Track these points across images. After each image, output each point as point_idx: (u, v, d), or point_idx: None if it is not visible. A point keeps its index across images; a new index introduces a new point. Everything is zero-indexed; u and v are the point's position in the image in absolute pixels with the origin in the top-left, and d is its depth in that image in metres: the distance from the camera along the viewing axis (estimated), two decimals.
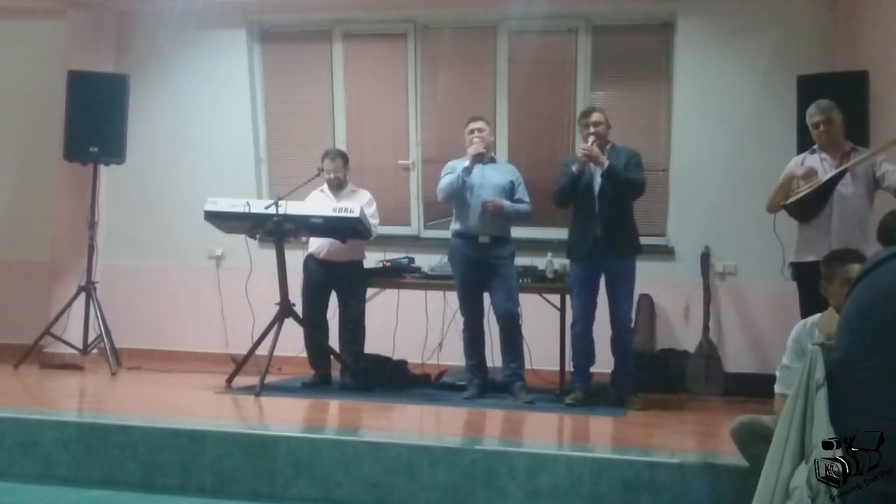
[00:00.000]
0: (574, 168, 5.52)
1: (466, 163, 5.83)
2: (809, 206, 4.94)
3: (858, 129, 5.34)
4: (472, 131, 5.92)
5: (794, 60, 6.36)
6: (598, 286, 5.62)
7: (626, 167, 5.55)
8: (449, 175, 5.89)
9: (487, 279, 5.80)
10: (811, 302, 4.14)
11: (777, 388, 3.56)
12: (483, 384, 5.84)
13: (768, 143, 6.46)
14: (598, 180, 5.54)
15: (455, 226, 5.94)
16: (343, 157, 6.39)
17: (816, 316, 3.63)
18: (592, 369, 5.69)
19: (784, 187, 5.06)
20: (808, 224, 5.02)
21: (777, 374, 3.60)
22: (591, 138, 5.54)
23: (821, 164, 5.04)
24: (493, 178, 5.86)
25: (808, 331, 3.55)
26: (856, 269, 3.30)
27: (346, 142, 7.33)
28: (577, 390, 5.57)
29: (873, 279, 2.82)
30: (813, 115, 5.07)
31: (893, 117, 5.53)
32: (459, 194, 5.83)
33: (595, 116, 5.62)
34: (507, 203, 5.79)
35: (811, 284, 3.92)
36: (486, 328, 5.91)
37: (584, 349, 5.61)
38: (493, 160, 6.03)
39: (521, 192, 5.92)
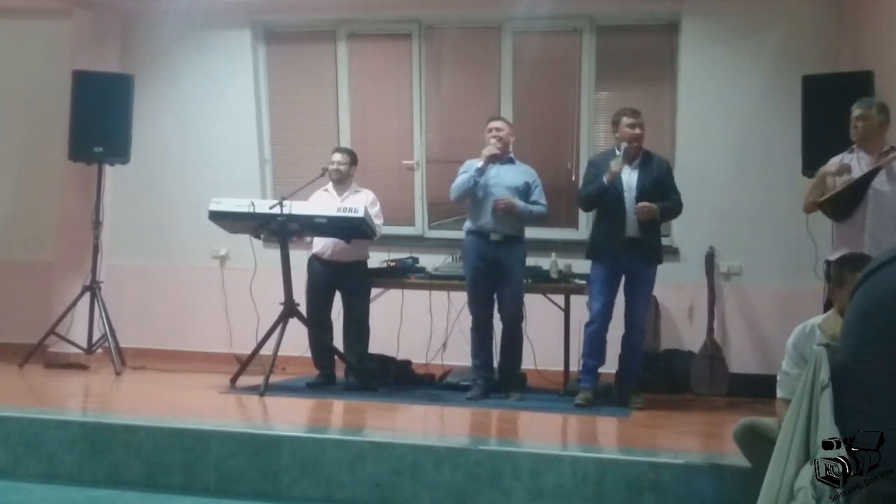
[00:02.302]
0: (605, 180, 5.46)
1: (481, 163, 5.83)
2: (843, 204, 4.87)
3: None
4: (490, 130, 5.94)
5: (799, 61, 6.34)
6: (619, 288, 5.62)
7: (661, 181, 5.59)
8: (463, 174, 5.91)
9: (497, 279, 5.80)
10: None
11: (778, 393, 3.55)
12: (487, 385, 5.83)
13: (773, 143, 6.46)
14: (629, 183, 5.52)
15: (468, 224, 5.95)
16: (352, 155, 6.43)
17: (816, 318, 3.61)
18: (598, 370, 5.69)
19: (818, 186, 5.00)
20: (843, 222, 4.96)
21: (777, 378, 3.59)
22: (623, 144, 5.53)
23: (857, 163, 4.94)
24: (506, 179, 5.85)
25: (808, 334, 3.53)
26: None
27: (351, 142, 7.33)
28: (586, 390, 5.56)
29: (877, 281, 2.81)
30: (853, 109, 4.97)
31: None
32: (472, 194, 5.84)
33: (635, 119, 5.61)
34: (519, 203, 5.79)
35: None
36: (494, 328, 5.91)
37: (597, 349, 5.59)
38: (511, 161, 6.01)
39: (537, 195, 5.91)
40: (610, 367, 5.76)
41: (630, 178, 5.56)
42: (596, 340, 5.58)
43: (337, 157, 6.35)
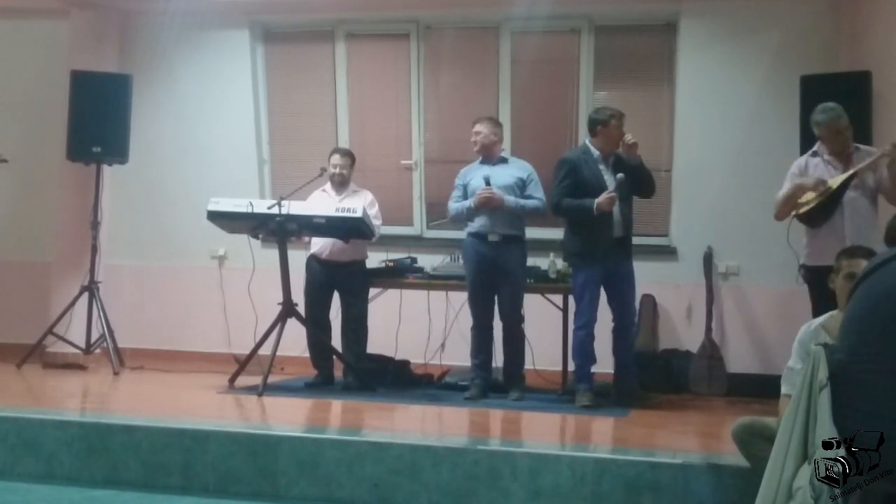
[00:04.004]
0: (596, 211, 5.41)
1: (479, 178, 5.80)
2: (820, 212, 4.88)
3: (862, 129, 5.32)
4: (473, 135, 5.94)
5: (797, 61, 6.35)
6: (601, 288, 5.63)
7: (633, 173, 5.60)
8: (458, 202, 5.92)
9: (497, 280, 5.79)
10: (823, 306, 4.12)
11: (782, 389, 3.57)
12: (485, 385, 5.83)
13: (771, 143, 6.46)
14: (610, 184, 5.52)
15: (468, 226, 5.93)
16: (351, 156, 6.42)
17: (822, 317, 3.63)
18: (592, 369, 5.69)
19: (792, 198, 4.98)
20: (819, 228, 4.95)
21: (783, 374, 3.61)
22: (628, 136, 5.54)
23: (825, 168, 4.98)
24: (500, 180, 5.83)
25: (814, 332, 3.55)
26: (861, 264, 3.31)
27: (349, 142, 7.33)
28: (588, 392, 5.54)
29: (875, 281, 2.82)
30: (837, 119, 4.91)
31: None
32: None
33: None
34: (508, 197, 5.76)
35: (825, 288, 3.90)
36: (494, 328, 5.90)
37: (590, 352, 5.58)
38: (504, 160, 5.99)
39: (532, 188, 5.88)
40: (603, 366, 5.75)
41: (610, 179, 5.56)
42: (590, 343, 5.57)
43: (337, 159, 6.32)
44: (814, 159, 5.06)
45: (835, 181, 4.86)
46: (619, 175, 5.53)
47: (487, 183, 5.74)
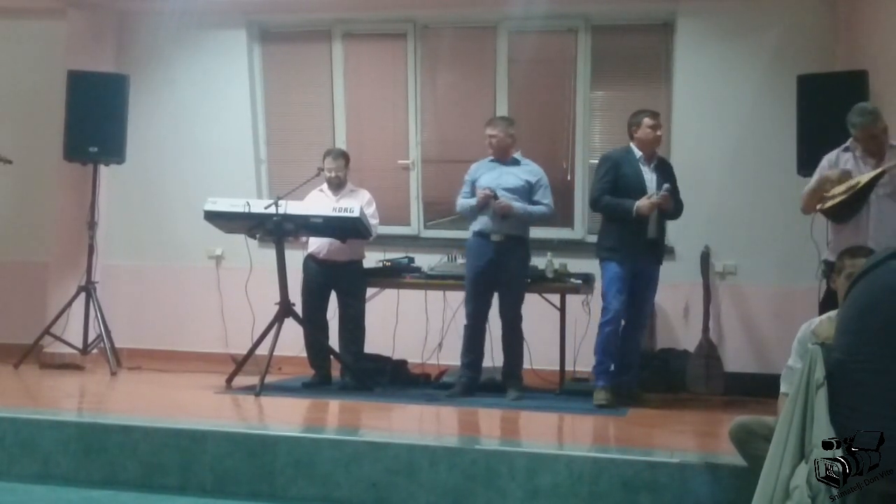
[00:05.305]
0: (635, 213, 5.44)
1: (487, 177, 5.83)
2: (846, 208, 4.81)
3: None
4: (486, 137, 5.96)
5: (794, 60, 6.36)
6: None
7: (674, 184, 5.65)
8: (465, 198, 5.94)
9: (499, 279, 5.79)
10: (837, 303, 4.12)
11: (782, 388, 3.57)
12: (471, 383, 5.82)
13: (768, 142, 6.47)
14: (650, 185, 5.55)
15: (473, 225, 5.92)
16: (345, 156, 6.39)
17: (821, 317, 3.63)
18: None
19: (818, 191, 4.91)
20: (844, 225, 4.89)
21: (783, 373, 3.61)
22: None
23: (856, 164, 4.88)
24: (507, 181, 5.83)
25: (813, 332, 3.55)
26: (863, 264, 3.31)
27: (346, 142, 7.33)
28: (605, 390, 5.51)
29: (872, 280, 2.82)
30: (872, 124, 4.80)
31: (894, 116, 5.53)
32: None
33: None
34: (516, 204, 5.76)
35: None
36: (487, 329, 5.89)
37: (613, 349, 5.58)
38: (517, 162, 5.97)
39: (541, 194, 5.87)
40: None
41: (651, 180, 5.59)
42: (614, 339, 5.57)
43: (330, 163, 6.27)
44: (845, 154, 4.95)
45: (863, 177, 4.79)
46: (666, 185, 5.56)
47: (496, 196, 5.74)
